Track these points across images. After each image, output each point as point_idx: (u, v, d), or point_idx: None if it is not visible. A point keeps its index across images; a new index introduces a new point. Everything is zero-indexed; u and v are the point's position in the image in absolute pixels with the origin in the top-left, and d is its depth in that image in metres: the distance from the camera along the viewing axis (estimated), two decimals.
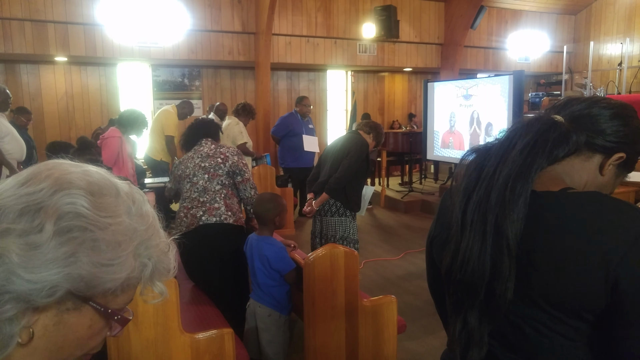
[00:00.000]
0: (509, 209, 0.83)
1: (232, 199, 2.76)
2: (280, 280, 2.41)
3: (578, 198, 0.85)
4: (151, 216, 0.64)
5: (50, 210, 0.53)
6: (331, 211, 3.48)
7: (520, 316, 0.86)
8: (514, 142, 0.89)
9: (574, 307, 0.81)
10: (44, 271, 0.52)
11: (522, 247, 0.83)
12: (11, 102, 4.79)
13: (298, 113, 6.29)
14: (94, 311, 0.58)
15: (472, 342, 0.88)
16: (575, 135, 0.90)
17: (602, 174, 0.94)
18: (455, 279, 0.89)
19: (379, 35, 8.99)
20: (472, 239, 0.86)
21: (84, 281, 0.54)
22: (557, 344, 0.84)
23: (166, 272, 0.65)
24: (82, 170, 0.60)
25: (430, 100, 6.61)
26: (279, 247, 2.40)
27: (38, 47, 6.85)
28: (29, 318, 0.54)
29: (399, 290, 4.00)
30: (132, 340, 1.83)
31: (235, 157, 2.79)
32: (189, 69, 8.79)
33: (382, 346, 2.37)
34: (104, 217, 0.57)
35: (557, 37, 11.21)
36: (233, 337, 2.05)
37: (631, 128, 0.93)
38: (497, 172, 0.87)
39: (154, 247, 0.62)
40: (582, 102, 0.95)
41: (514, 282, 0.83)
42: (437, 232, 1.04)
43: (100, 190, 0.58)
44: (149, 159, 6.05)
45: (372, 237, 5.80)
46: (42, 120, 7.80)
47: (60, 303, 0.55)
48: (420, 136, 7.32)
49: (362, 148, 3.50)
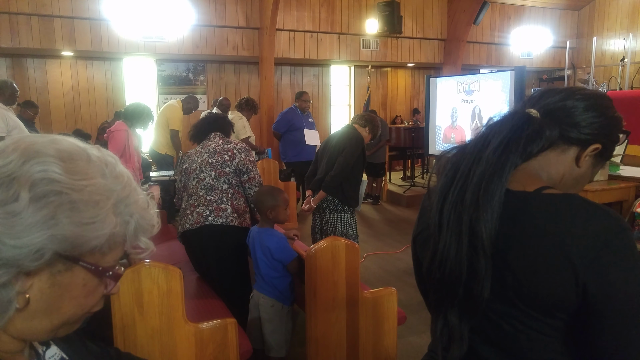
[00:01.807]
0: (483, 209, 0.83)
1: (238, 200, 2.72)
2: (283, 271, 2.45)
3: (551, 200, 0.84)
4: (126, 176, 0.66)
5: (23, 179, 0.55)
6: (329, 208, 3.49)
7: (498, 313, 0.87)
8: (488, 140, 0.88)
9: (546, 306, 0.82)
10: (27, 235, 0.54)
11: (498, 247, 0.83)
12: (18, 95, 4.85)
13: (298, 108, 6.32)
14: (85, 270, 0.60)
15: (453, 340, 0.89)
16: (549, 130, 0.89)
17: (579, 165, 0.93)
18: (434, 278, 0.90)
19: (382, 31, 8.99)
20: (448, 240, 0.86)
21: (68, 241, 0.57)
22: (534, 339, 0.85)
23: (150, 228, 0.67)
24: (49, 140, 0.61)
25: (432, 95, 6.63)
26: (279, 237, 2.44)
27: (45, 42, 6.91)
28: (22, 283, 0.57)
29: (400, 283, 4.04)
30: (137, 330, 1.88)
31: (243, 154, 2.75)
32: (194, 63, 8.82)
33: (382, 337, 2.42)
34: (78, 180, 0.58)
35: (560, 32, 11.18)
36: (236, 327, 2.09)
37: (607, 118, 0.91)
38: (471, 172, 0.86)
39: (133, 204, 0.64)
40: (557, 94, 0.93)
41: (491, 281, 0.84)
42: (418, 230, 1.04)
43: (70, 156, 0.60)
44: (154, 152, 6.11)
45: (374, 230, 5.84)
46: (49, 114, 7.87)
47: (51, 266, 0.58)
48: (422, 131, 7.34)
49: (358, 144, 3.45)
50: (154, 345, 1.91)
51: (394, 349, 2.46)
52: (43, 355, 0.70)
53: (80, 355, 0.77)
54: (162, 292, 1.90)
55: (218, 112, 6.71)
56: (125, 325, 1.86)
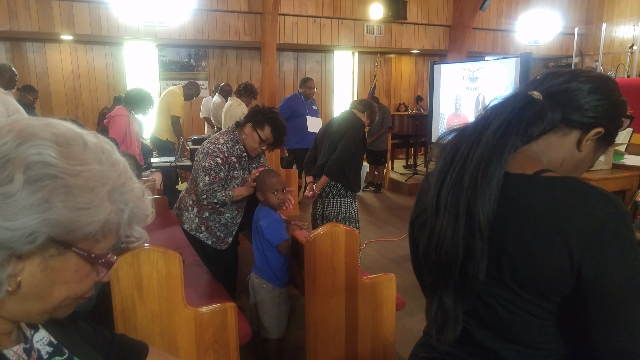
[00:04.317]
0: (481, 191, 0.82)
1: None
2: (273, 251, 2.44)
3: (550, 183, 0.83)
4: (122, 164, 0.65)
5: (18, 161, 0.55)
6: (332, 193, 3.51)
7: (493, 296, 0.87)
8: (488, 122, 0.87)
9: (541, 290, 0.82)
10: (20, 218, 0.54)
11: (495, 229, 0.83)
12: (17, 80, 4.83)
13: (302, 94, 6.28)
14: (78, 256, 0.60)
15: (447, 322, 0.89)
16: (551, 113, 0.87)
17: (580, 149, 0.92)
18: (430, 260, 0.89)
19: (387, 16, 8.90)
20: (445, 221, 0.86)
21: (62, 226, 0.56)
22: (528, 321, 0.85)
23: (144, 217, 0.67)
24: (45, 123, 0.61)
25: (436, 82, 6.57)
26: (273, 218, 2.42)
27: (43, 25, 6.85)
28: (14, 266, 0.56)
29: (400, 269, 4.05)
30: (137, 312, 1.89)
31: (200, 155, 2.60)
32: (195, 49, 8.77)
33: (380, 322, 2.43)
34: (74, 165, 0.58)
35: (569, 18, 11.02)
36: (236, 311, 2.11)
37: (611, 102, 0.90)
38: (470, 154, 0.85)
39: (128, 193, 0.64)
40: (561, 76, 0.92)
41: (486, 263, 0.84)
42: (416, 213, 1.03)
43: (66, 140, 0.60)
44: (155, 138, 6.10)
45: (375, 218, 5.84)
46: (50, 99, 7.85)
47: (44, 250, 0.58)
48: (425, 119, 7.30)
49: (359, 128, 3.48)
50: (153, 329, 1.93)
51: (392, 334, 2.47)
52: (31, 339, 0.70)
53: (70, 338, 0.76)
54: (162, 276, 1.90)
55: (218, 98, 6.69)
56: (125, 308, 1.87)
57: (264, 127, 2.60)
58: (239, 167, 2.64)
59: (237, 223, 2.75)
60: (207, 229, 2.65)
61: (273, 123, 2.61)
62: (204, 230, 2.65)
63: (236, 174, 2.63)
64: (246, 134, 2.62)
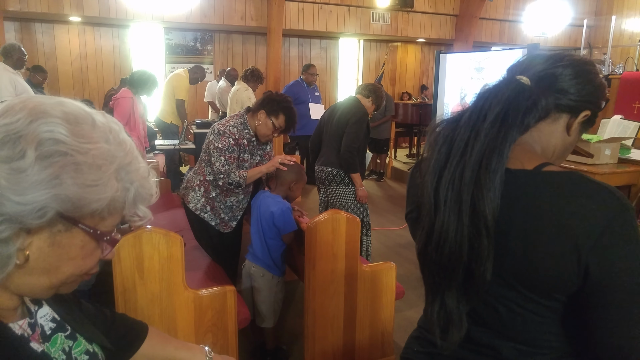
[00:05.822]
0: (486, 187, 0.79)
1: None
2: (278, 239, 2.45)
3: (553, 179, 0.81)
4: (129, 144, 0.66)
5: (30, 137, 0.56)
6: (336, 181, 3.48)
7: (493, 295, 0.85)
8: (484, 112, 0.84)
9: (546, 288, 0.81)
10: (31, 193, 0.55)
11: (498, 227, 0.80)
12: (26, 60, 4.83)
13: (304, 81, 6.24)
14: (84, 233, 0.62)
15: (452, 323, 0.86)
16: (545, 99, 0.86)
17: (569, 134, 0.91)
18: (430, 260, 0.86)
19: (394, 4, 8.81)
20: (447, 219, 0.82)
21: (71, 202, 0.58)
22: (530, 321, 0.84)
23: (149, 197, 0.68)
24: (56, 101, 0.62)
25: (442, 72, 6.52)
26: (286, 206, 2.43)
27: (53, 6, 6.85)
28: (22, 240, 0.58)
29: (400, 258, 4.07)
30: (137, 294, 1.91)
31: (212, 136, 2.61)
32: (202, 33, 8.72)
33: (379, 310, 2.44)
34: (83, 142, 0.59)
35: (578, 9, 10.87)
36: (235, 295, 2.12)
37: (594, 85, 0.90)
38: (469, 147, 0.82)
39: (134, 172, 0.65)
40: (545, 61, 0.91)
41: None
42: (408, 209, 1.00)
43: (76, 119, 0.61)
44: (159, 121, 6.10)
45: (377, 207, 5.85)
46: (57, 79, 7.86)
47: (52, 225, 0.59)
48: (430, 108, 7.26)
49: (362, 117, 3.40)
50: (153, 310, 1.95)
51: (390, 323, 2.49)
52: (35, 314, 0.71)
53: (72, 316, 0.78)
54: (163, 258, 1.92)
55: (224, 83, 6.67)
56: (126, 289, 1.89)
57: (278, 116, 2.60)
58: (248, 151, 2.65)
59: (243, 207, 2.75)
60: (212, 209, 2.66)
61: (288, 112, 2.62)
62: (209, 210, 2.66)
63: (246, 156, 2.64)
64: (259, 121, 2.62)
